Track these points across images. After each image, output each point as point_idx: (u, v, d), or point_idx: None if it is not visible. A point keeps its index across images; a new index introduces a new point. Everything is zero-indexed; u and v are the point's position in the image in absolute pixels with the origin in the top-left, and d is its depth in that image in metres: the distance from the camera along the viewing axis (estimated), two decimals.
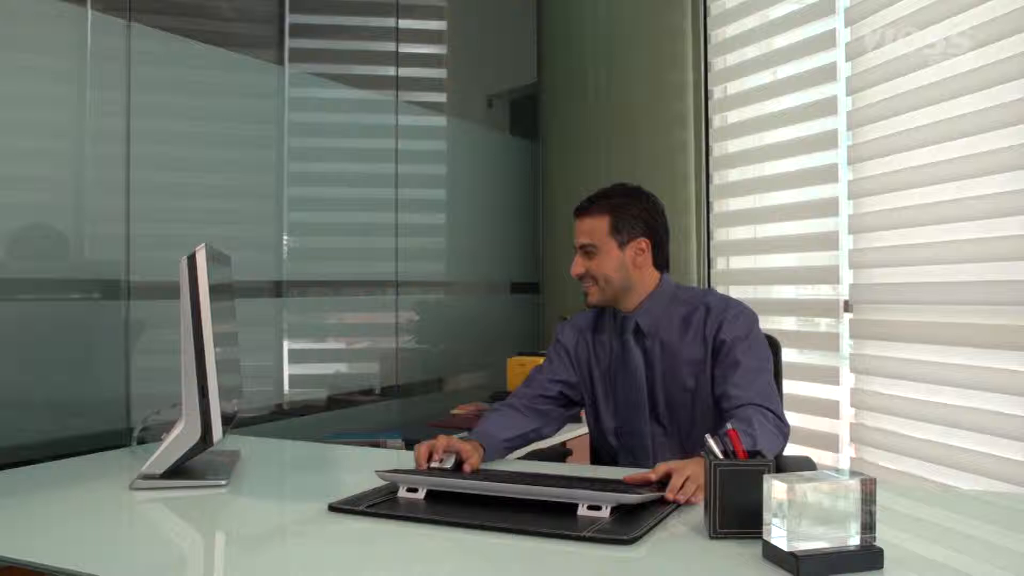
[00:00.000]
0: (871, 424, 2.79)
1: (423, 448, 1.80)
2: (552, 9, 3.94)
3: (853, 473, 1.24)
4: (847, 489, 1.19)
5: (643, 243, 2.04)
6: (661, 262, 2.09)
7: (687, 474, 1.55)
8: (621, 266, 2.02)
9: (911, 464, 2.61)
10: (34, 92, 2.20)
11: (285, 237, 2.88)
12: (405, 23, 3.36)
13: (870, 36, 2.73)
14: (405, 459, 1.98)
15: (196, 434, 1.67)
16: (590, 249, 2.03)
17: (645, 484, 1.57)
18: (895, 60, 2.65)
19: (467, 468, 1.76)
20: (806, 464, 2.14)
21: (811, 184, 3.03)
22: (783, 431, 1.88)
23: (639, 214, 2.04)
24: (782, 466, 2.05)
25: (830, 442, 2.90)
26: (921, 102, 2.57)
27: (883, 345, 2.76)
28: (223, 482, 1.72)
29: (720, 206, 3.39)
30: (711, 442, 1.36)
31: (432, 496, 1.55)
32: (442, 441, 1.80)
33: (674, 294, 2.07)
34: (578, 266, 2.05)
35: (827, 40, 2.93)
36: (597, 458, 2.20)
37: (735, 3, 3.31)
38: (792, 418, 2.19)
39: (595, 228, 2.03)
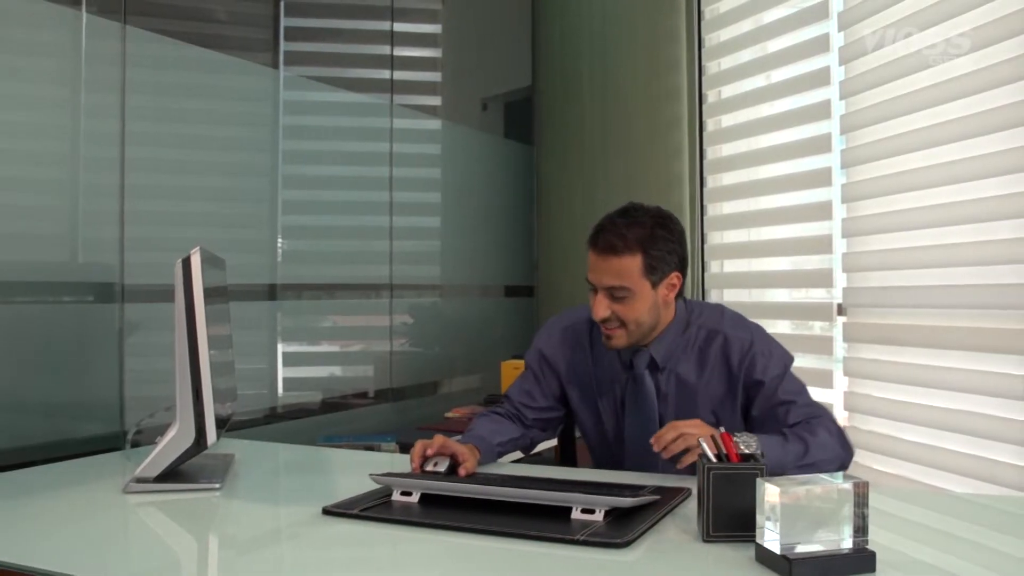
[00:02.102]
0: (864, 427, 2.79)
1: (418, 446, 1.78)
2: (547, 13, 3.95)
3: (846, 476, 1.24)
4: (840, 492, 1.20)
5: (675, 278, 1.87)
6: (681, 290, 1.93)
7: (681, 431, 1.54)
8: (653, 306, 1.85)
9: (905, 467, 2.62)
10: (29, 94, 2.20)
11: (279, 240, 2.88)
12: (400, 26, 3.37)
13: (863, 40, 2.74)
14: (399, 462, 1.98)
15: (190, 437, 1.67)
16: (620, 293, 1.81)
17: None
18: (888, 64, 2.66)
19: (463, 471, 1.72)
20: None
21: (805, 188, 3.03)
22: (849, 449, 1.84)
23: (673, 248, 1.85)
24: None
25: None
26: (914, 106, 2.58)
27: (876, 349, 2.76)
28: (217, 485, 1.72)
29: (714, 209, 3.39)
30: (704, 445, 1.37)
31: (426, 500, 1.55)
32: (438, 440, 1.78)
33: (686, 320, 1.93)
34: (603, 308, 1.82)
35: (821, 44, 2.94)
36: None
37: (729, 7, 3.32)
38: None
39: (626, 269, 1.80)
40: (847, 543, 1.19)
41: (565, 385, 2.05)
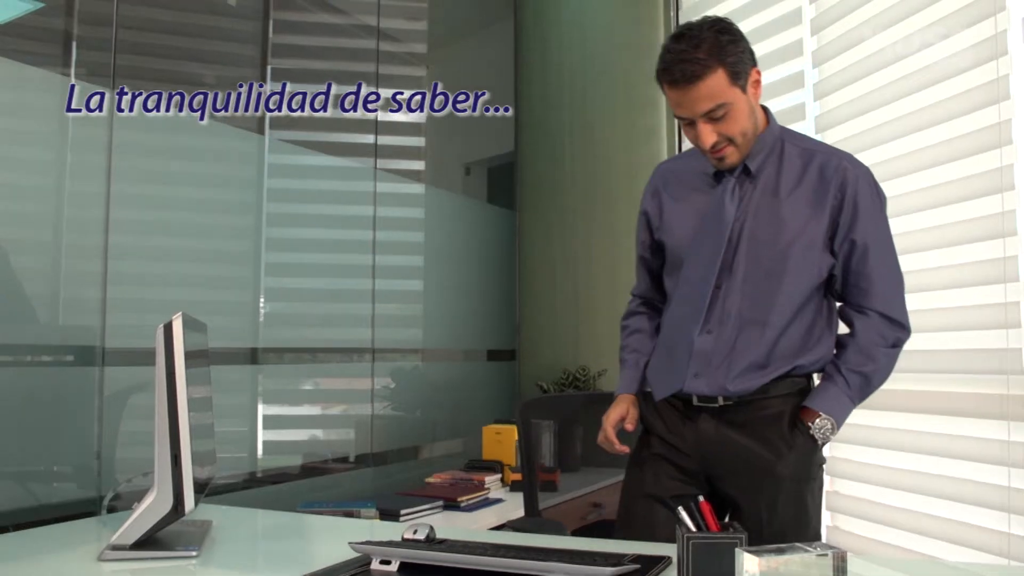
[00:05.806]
0: (845, 492, 2.79)
1: (611, 428, 1.95)
2: (529, 78, 4.02)
3: (824, 546, 1.24)
4: (818, 562, 1.20)
5: (756, 74, 1.81)
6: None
7: None
8: (751, 111, 1.81)
9: (885, 532, 2.62)
10: (14, 156, 2.21)
11: (262, 302, 2.88)
12: (385, 92, 3.42)
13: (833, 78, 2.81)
14: (379, 529, 1.96)
15: (168, 504, 1.65)
16: (719, 112, 1.76)
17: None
18: (861, 98, 2.73)
19: (629, 426, 1.94)
20: None
21: None
22: (899, 339, 1.90)
23: (742, 46, 1.78)
24: None
25: None
26: (888, 172, 2.63)
27: (856, 412, 2.76)
28: (194, 553, 1.69)
29: None
30: (683, 514, 1.37)
31: (406, 568, 1.54)
32: (615, 423, 1.96)
33: (781, 130, 1.91)
34: (709, 135, 1.78)
35: (798, 111, 3.00)
36: None
37: None
38: None
39: (716, 88, 1.74)
40: None
41: (653, 230, 2.05)
